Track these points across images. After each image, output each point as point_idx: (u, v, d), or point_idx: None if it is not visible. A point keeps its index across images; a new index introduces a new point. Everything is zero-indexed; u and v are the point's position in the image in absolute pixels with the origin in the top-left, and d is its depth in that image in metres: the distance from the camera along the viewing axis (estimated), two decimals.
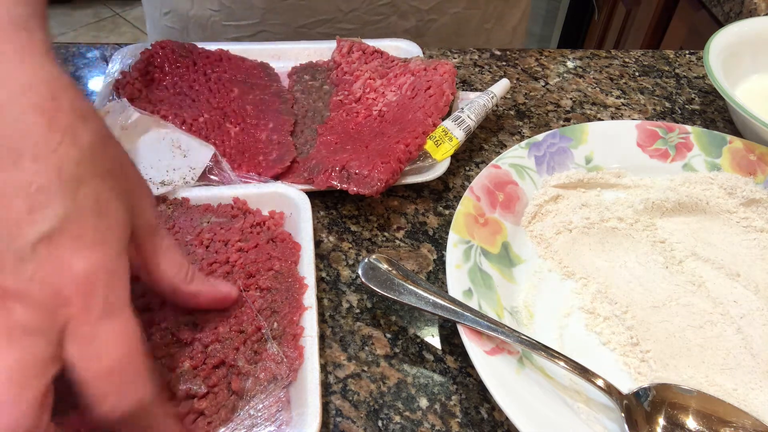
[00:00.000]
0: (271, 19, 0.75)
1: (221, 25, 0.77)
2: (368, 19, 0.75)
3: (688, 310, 0.46)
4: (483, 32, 0.83)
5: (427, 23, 0.78)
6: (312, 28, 0.75)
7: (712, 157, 0.56)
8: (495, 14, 0.82)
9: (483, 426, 0.41)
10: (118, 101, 0.55)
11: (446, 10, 0.77)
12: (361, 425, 0.40)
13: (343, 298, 0.48)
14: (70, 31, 2.76)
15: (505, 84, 0.62)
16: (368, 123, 0.60)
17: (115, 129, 0.53)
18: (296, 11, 0.74)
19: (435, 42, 0.79)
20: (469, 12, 0.79)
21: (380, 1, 0.73)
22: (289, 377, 0.39)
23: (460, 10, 0.78)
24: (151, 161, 0.53)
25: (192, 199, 0.51)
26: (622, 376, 0.42)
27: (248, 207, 0.50)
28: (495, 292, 0.45)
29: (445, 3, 0.77)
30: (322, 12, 0.74)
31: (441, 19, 0.78)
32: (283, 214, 0.50)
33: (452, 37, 0.81)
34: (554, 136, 0.56)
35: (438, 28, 0.79)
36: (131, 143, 0.54)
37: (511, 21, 0.86)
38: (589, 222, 0.51)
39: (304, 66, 0.68)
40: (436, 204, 0.55)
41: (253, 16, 0.75)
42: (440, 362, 0.44)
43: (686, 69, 0.74)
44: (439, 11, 0.77)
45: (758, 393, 0.41)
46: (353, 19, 0.75)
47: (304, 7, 0.73)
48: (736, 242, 0.51)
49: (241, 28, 0.76)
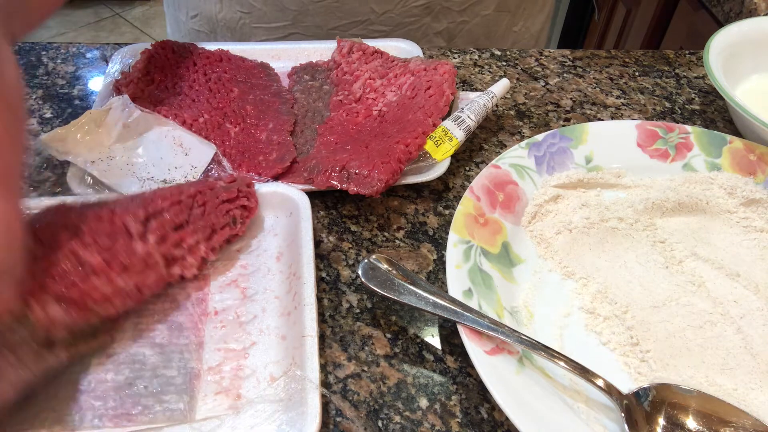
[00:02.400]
0: (304, 21, 0.75)
1: (251, 28, 0.76)
2: (401, 20, 0.75)
3: (688, 310, 0.46)
4: (511, 35, 0.83)
5: (459, 25, 0.78)
6: (345, 30, 0.75)
7: (712, 157, 0.56)
8: (523, 17, 0.83)
9: (483, 426, 0.41)
10: (120, 98, 0.55)
11: (477, 12, 0.78)
12: (361, 425, 0.40)
13: (343, 298, 0.48)
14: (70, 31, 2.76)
15: (505, 84, 0.62)
16: (368, 123, 0.60)
17: (117, 126, 0.54)
18: (329, 13, 0.73)
19: (465, 45, 0.79)
20: (499, 15, 0.79)
21: (414, 3, 0.73)
22: None
23: (491, 12, 0.78)
24: (153, 159, 0.53)
25: None
26: (622, 376, 0.42)
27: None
28: (495, 292, 0.45)
29: (476, 5, 0.77)
30: (355, 14, 0.74)
31: (472, 21, 0.78)
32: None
33: (481, 40, 0.81)
34: (554, 136, 0.56)
35: (469, 30, 0.79)
36: (133, 141, 0.54)
37: (536, 24, 0.86)
38: (589, 222, 0.51)
39: (304, 66, 0.68)
40: (436, 204, 0.55)
41: (284, 18, 0.74)
42: (440, 362, 0.44)
43: (686, 69, 0.74)
44: (470, 13, 0.77)
45: (758, 393, 0.41)
46: (386, 21, 0.74)
47: (337, 9, 0.73)
48: (736, 242, 0.51)
49: (272, 30, 0.76)
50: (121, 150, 0.54)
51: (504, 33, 0.82)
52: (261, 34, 0.77)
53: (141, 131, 0.54)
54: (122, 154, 0.53)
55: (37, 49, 0.72)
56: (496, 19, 0.80)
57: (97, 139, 0.53)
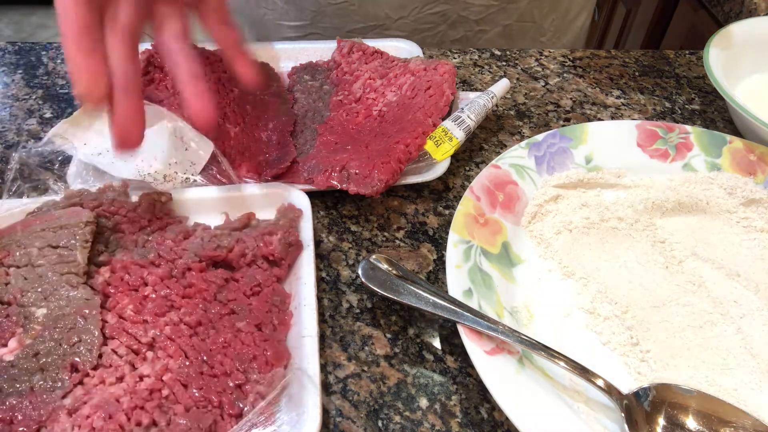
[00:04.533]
0: (321, 21, 0.75)
1: (275, 24, 0.77)
2: (417, 27, 0.75)
3: (688, 310, 0.46)
4: (538, 44, 0.82)
5: (476, 34, 0.77)
6: (362, 33, 0.75)
7: (712, 157, 0.56)
8: (552, 29, 0.81)
9: (483, 426, 0.41)
10: None
11: (498, 22, 0.77)
12: (361, 425, 0.40)
13: (343, 298, 0.48)
14: None
15: (505, 84, 0.62)
16: (368, 123, 0.60)
17: None
18: (345, 16, 0.74)
19: None
20: (523, 25, 0.78)
21: (429, 10, 0.73)
22: None
23: (513, 22, 0.77)
24: (156, 152, 0.53)
25: (192, 198, 0.51)
26: (622, 376, 0.42)
27: None
28: (495, 292, 0.45)
29: (496, 15, 0.76)
30: (370, 18, 0.74)
31: (492, 30, 0.77)
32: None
33: None
34: (554, 136, 0.56)
35: (489, 40, 0.78)
36: None
37: (568, 35, 0.84)
38: (589, 222, 0.51)
39: (304, 66, 0.68)
40: (436, 204, 0.55)
41: (303, 17, 0.75)
42: (440, 362, 0.44)
43: (686, 69, 0.74)
44: (489, 22, 0.76)
45: (758, 393, 0.41)
46: (402, 27, 0.74)
47: (354, 12, 0.73)
48: (736, 242, 0.51)
49: (293, 28, 0.77)
50: None
51: (530, 43, 0.81)
52: (284, 30, 0.77)
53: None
54: None
55: (37, 49, 0.72)
56: (520, 30, 0.79)
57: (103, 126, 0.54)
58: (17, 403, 0.37)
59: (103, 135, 0.54)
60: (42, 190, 0.54)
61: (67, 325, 0.40)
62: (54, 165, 0.56)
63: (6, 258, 0.43)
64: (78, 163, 0.53)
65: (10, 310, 0.41)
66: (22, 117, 0.62)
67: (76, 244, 0.43)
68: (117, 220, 0.48)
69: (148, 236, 0.47)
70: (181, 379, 0.38)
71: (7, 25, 2.73)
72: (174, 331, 0.41)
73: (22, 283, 0.42)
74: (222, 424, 0.37)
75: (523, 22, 0.78)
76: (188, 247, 0.46)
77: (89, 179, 0.52)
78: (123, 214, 0.48)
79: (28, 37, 2.65)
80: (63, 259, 0.43)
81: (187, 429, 0.36)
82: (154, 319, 0.41)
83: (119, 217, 0.48)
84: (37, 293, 0.41)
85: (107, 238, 0.47)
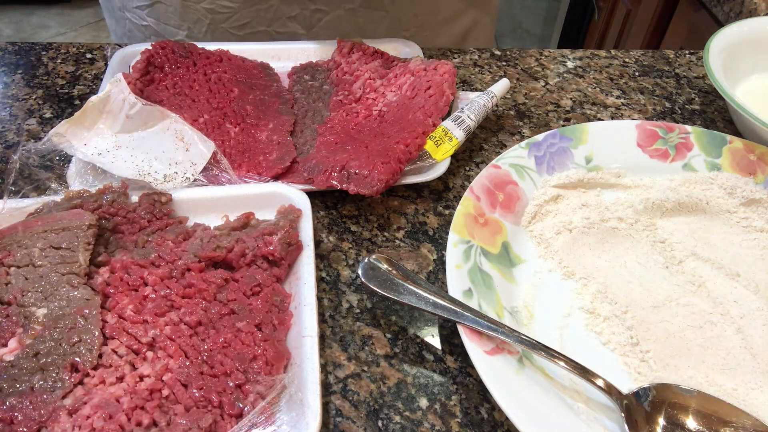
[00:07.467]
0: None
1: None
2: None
3: (688, 310, 0.46)
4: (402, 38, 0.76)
5: (314, 13, 0.73)
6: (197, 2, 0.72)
7: (712, 157, 0.56)
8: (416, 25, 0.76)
9: (483, 426, 0.41)
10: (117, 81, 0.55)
11: (338, 4, 0.72)
12: (361, 425, 0.40)
13: (343, 298, 0.48)
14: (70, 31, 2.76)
15: (505, 84, 0.62)
16: (368, 123, 0.60)
17: (121, 115, 0.54)
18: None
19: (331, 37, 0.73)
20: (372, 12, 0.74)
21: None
22: None
23: (357, 7, 0.73)
24: (156, 153, 0.53)
25: (192, 198, 0.51)
26: (622, 376, 0.42)
27: None
28: (495, 292, 0.45)
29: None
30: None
31: (333, 12, 0.73)
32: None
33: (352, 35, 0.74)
34: (554, 136, 0.56)
35: (331, 22, 0.74)
36: (138, 132, 0.55)
37: (445, 37, 0.80)
38: (589, 222, 0.51)
39: (304, 66, 0.68)
40: (436, 204, 0.55)
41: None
42: (440, 362, 0.44)
43: (686, 69, 0.74)
44: (328, 3, 0.72)
45: (758, 393, 0.41)
46: None
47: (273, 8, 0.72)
48: (736, 242, 0.51)
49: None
50: (126, 140, 0.55)
51: (386, 34, 0.76)
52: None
53: (145, 121, 0.55)
54: (128, 144, 0.54)
55: (37, 49, 0.72)
56: (369, 17, 0.74)
57: (104, 126, 0.54)
58: (17, 403, 0.37)
59: (103, 135, 0.55)
60: (42, 190, 0.54)
61: (68, 325, 0.40)
62: (54, 165, 0.56)
63: (7, 258, 0.43)
64: (78, 162, 0.53)
65: (11, 310, 0.41)
66: (22, 117, 0.62)
67: (78, 246, 0.43)
68: (116, 222, 0.48)
69: (148, 237, 0.47)
70: (181, 379, 0.38)
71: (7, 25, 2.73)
72: (174, 331, 0.41)
73: (22, 283, 0.42)
74: (222, 424, 0.37)
75: (370, 8, 0.74)
76: (188, 247, 0.46)
77: (89, 179, 0.52)
78: (123, 216, 0.48)
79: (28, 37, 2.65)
80: (65, 260, 0.43)
81: (187, 429, 0.36)
82: (154, 319, 0.41)
83: (119, 219, 0.48)
84: (37, 293, 0.41)
85: (107, 238, 0.47)
